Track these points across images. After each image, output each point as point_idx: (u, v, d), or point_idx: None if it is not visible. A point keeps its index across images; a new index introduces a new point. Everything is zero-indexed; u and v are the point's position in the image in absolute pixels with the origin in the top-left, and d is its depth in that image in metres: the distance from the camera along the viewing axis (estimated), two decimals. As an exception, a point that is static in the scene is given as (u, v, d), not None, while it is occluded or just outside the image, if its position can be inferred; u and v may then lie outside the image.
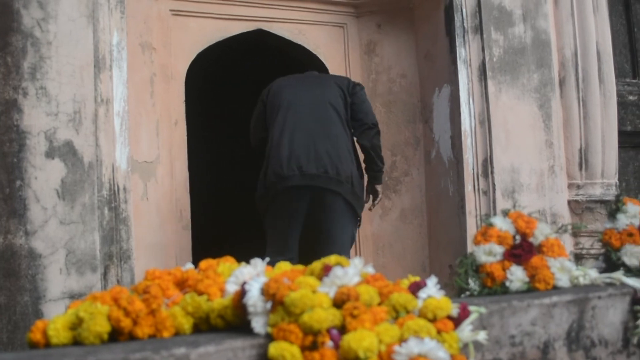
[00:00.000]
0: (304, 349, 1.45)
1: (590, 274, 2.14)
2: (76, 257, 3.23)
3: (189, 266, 1.78)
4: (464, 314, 1.62)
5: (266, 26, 4.46)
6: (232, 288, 1.65)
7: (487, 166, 4.14)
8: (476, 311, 1.70)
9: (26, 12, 3.26)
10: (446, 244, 4.33)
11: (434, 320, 1.57)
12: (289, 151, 3.54)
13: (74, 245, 3.23)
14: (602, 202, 4.32)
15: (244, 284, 1.58)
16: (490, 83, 4.16)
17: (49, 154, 3.24)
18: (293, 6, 4.49)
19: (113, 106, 3.42)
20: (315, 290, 1.54)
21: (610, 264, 2.33)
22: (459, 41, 4.18)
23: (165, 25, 4.09)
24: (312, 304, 1.48)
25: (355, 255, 4.33)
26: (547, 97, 4.31)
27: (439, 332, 1.55)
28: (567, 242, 4.14)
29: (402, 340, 1.49)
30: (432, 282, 1.68)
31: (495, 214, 3.10)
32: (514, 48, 4.25)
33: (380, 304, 1.59)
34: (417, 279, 1.70)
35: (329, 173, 3.52)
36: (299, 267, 1.73)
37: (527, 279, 2.04)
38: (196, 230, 4.18)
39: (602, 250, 2.41)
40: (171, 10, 4.14)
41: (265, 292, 1.52)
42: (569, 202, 4.35)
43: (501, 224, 2.13)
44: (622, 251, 2.31)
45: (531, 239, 2.11)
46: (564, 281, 2.07)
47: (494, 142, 4.13)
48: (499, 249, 2.08)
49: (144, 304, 1.53)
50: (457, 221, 4.19)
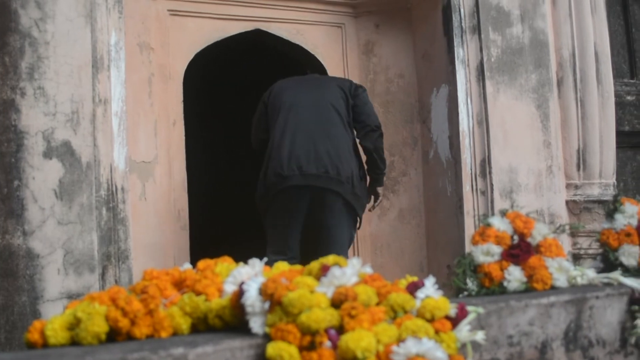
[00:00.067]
0: (301, 349, 1.45)
1: (588, 274, 2.14)
2: (74, 258, 3.22)
3: (187, 266, 1.78)
4: (462, 314, 1.62)
5: (264, 26, 4.46)
6: (230, 288, 1.65)
7: (485, 166, 4.14)
8: (474, 311, 1.70)
9: (24, 12, 3.26)
10: (444, 244, 4.33)
11: (432, 321, 1.57)
12: (289, 151, 3.54)
13: (71, 245, 3.23)
14: (600, 202, 4.32)
15: (242, 284, 1.58)
16: (488, 83, 4.17)
17: (47, 154, 3.24)
18: (291, 6, 4.49)
19: (111, 106, 3.42)
20: (313, 291, 1.54)
21: (608, 264, 2.33)
22: (456, 41, 4.18)
23: (163, 25, 4.09)
24: (310, 304, 1.48)
25: (354, 255, 4.33)
26: (545, 97, 4.31)
27: (437, 332, 1.55)
28: (565, 242, 4.14)
29: (400, 340, 1.49)
30: (430, 282, 1.68)
31: (493, 214, 3.09)
32: (512, 48, 4.26)
33: (378, 304, 1.59)
34: (415, 279, 1.70)
35: (329, 173, 3.52)
36: (297, 267, 1.73)
37: (525, 279, 2.04)
38: (194, 230, 4.18)
39: (600, 250, 2.41)
40: (169, 10, 4.14)
41: (263, 292, 1.52)
42: (567, 202, 4.36)
43: (499, 224, 2.13)
44: (620, 251, 2.31)
45: (529, 239, 2.11)
46: (561, 281, 2.07)
47: (492, 142, 4.14)
48: (497, 249, 2.08)
49: (141, 304, 1.53)
50: (455, 221, 4.20)
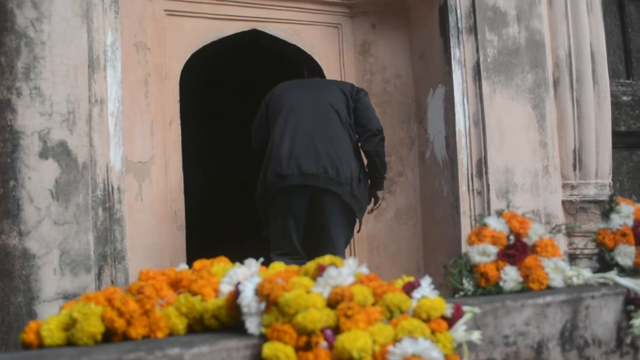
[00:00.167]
0: (298, 349, 1.45)
1: (583, 273, 2.14)
2: (70, 258, 3.22)
3: (183, 266, 1.78)
4: (457, 314, 1.62)
5: (260, 26, 4.45)
6: (226, 288, 1.65)
7: (481, 166, 4.14)
8: (470, 311, 1.70)
9: (20, 11, 3.25)
10: (441, 244, 4.34)
11: (428, 321, 1.57)
12: (289, 151, 3.54)
13: (68, 245, 3.22)
14: (596, 202, 4.33)
15: (238, 284, 1.58)
16: (484, 83, 4.17)
17: (43, 154, 3.23)
18: (287, 6, 4.49)
19: (107, 106, 3.41)
20: (309, 291, 1.54)
21: (603, 264, 2.33)
22: (453, 42, 4.18)
23: (159, 25, 4.09)
24: (306, 304, 1.48)
25: (350, 255, 4.33)
26: (541, 97, 4.32)
27: (432, 332, 1.55)
28: (561, 242, 4.15)
29: (396, 340, 1.49)
30: (426, 283, 1.68)
31: (489, 214, 3.10)
32: (508, 48, 4.26)
33: (374, 304, 1.59)
34: (412, 279, 1.70)
35: (328, 173, 3.51)
36: (294, 267, 1.73)
37: (521, 279, 2.04)
38: (190, 230, 4.17)
39: (596, 250, 2.41)
40: (165, 10, 4.13)
41: (259, 292, 1.52)
42: (563, 202, 4.36)
43: (495, 224, 2.13)
44: (616, 251, 2.32)
45: (525, 239, 2.11)
46: (557, 281, 2.08)
47: (488, 142, 4.14)
48: (493, 249, 2.08)
49: (137, 304, 1.53)
50: (452, 221, 4.20)
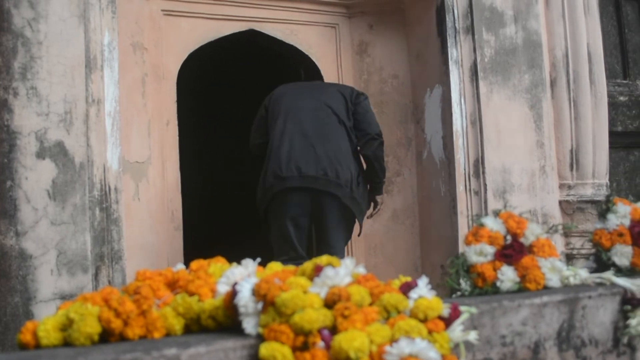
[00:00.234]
0: (295, 349, 1.45)
1: (580, 274, 2.15)
2: (67, 258, 3.21)
3: (180, 267, 1.78)
4: (455, 314, 1.63)
5: (258, 26, 4.45)
6: (223, 289, 1.65)
7: (478, 166, 4.15)
8: (467, 311, 1.70)
9: (17, 11, 3.25)
10: (438, 244, 4.34)
11: (425, 321, 1.57)
12: (288, 153, 3.53)
13: (65, 246, 3.22)
14: (593, 202, 4.34)
15: (235, 284, 1.58)
16: (481, 84, 4.17)
17: (40, 155, 3.22)
18: (285, 6, 4.49)
19: (104, 106, 3.41)
20: (306, 291, 1.54)
21: (600, 264, 2.34)
22: (450, 42, 4.19)
23: (156, 25, 4.08)
24: (303, 304, 1.48)
25: (347, 255, 4.33)
26: (538, 97, 4.33)
27: (430, 332, 1.55)
28: (558, 242, 4.15)
29: (393, 340, 1.49)
30: (423, 283, 1.68)
31: (486, 214, 3.10)
32: (505, 49, 4.26)
33: (371, 304, 1.59)
34: (409, 279, 1.70)
35: (328, 176, 3.50)
36: (291, 267, 1.73)
37: (517, 279, 2.05)
38: (188, 230, 4.17)
39: (593, 250, 2.41)
40: (163, 10, 4.13)
41: (256, 292, 1.52)
42: (560, 203, 4.37)
43: (492, 224, 2.14)
44: (613, 251, 2.32)
45: (522, 239, 2.12)
46: (554, 281, 2.08)
47: (485, 142, 4.15)
48: (490, 249, 2.08)
49: (134, 304, 1.53)
50: (449, 221, 4.20)
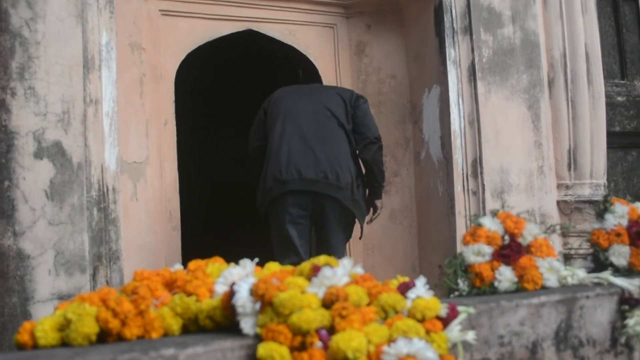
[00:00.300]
0: (292, 349, 1.45)
1: (578, 274, 2.15)
2: (65, 258, 3.21)
3: (178, 267, 1.78)
4: (452, 314, 1.63)
5: (256, 27, 4.45)
6: (221, 289, 1.65)
7: (476, 166, 4.15)
8: (465, 311, 1.71)
9: (14, 11, 3.24)
10: (436, 244, 4.34)
11: (422, 321, 1.57)
12: (288, 156, 3.52)
13: (62, 246, 3.21)
14: (591, 202, 4.34)
15: (233, 284, 1.58)
16: (479, 84, 4.18)
17: (38, 155, 3.22)
18: (283, 7, 4.48)
19: (102, 106, 3.40)
20: (304, 291, 1.54)
21: (598, 264, 2.34)
22: (448, 42, 4.19)
23: (154, 25, 4.08)
24: (301, 304, 1.48)
25: (345, 255, 4.33)
26: (536, 97, 4.33)
27: (427, 332, 1.56)
28: (556, 242, 4.16)
29: (390, 340, 1.49)
30: (421, 283, 1.68)
31: (484, 214, 3.10)
32: (503, 49, 4.27)
33: (369, 304, 1.59)
34: (406, 279, 1.70)
35: (328, 179, 3.49)
36: (288, 267, 1.73)
37: (515, 279, 2.05)
38: (186, 231, 4.17)
39: (591, 250, 2.42)
40: (161, 11, 4.13)
41: (254, 292, 1.52)
42: (558, 203, 4.37)
43: (490, 224, 2.14)
44: (610, 251, 2.32)
45: (520, 239, 2.12)
46: (552, 281, 2.08)
47: (483, 142, 4.15)
48: (488, 249, 2.08)
49: (132, 305, 1.53)
50: (447, 221, 4.20)
